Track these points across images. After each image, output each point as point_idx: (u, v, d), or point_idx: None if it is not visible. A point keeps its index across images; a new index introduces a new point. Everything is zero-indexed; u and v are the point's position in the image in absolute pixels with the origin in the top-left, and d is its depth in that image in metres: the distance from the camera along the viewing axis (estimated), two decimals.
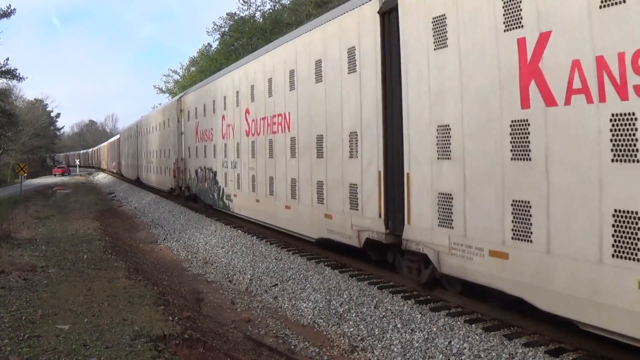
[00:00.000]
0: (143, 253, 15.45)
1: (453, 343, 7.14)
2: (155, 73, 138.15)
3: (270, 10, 43.50)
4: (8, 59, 37.89)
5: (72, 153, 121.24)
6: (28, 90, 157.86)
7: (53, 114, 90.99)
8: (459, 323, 7.70)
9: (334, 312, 9.10)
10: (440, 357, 6.94)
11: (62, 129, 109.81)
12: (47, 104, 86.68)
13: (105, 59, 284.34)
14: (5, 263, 10.29)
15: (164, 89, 63.82)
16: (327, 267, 11.47)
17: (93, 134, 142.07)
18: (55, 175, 72.89)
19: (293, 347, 8.00)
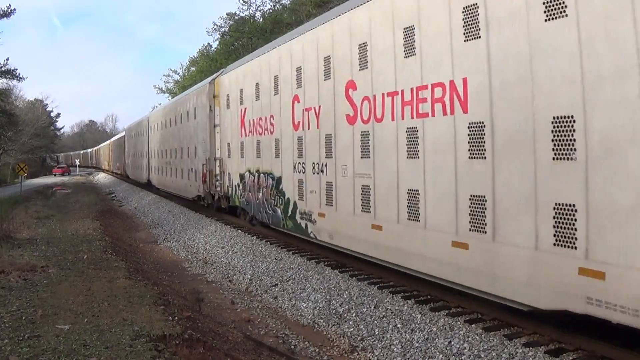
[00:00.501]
0: (143, 253, 15.46)
1: (453, 343, 7.14)
2: (156, 73, 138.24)
3: (270, 10, 43.46)
4: (8, 59, 37.96)
5: (72, 153, 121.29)
6: (28, 90, 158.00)
7: (53, 114, 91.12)
8: (459, 323, 7.70)
9: (334, 312, 9.10)
10: (440, 357, 6.95)
11: (62, 129, 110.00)
12: (47, 104, 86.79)
13: (106, 60, 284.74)
14: (5, 263, 10.30)
15: (164, 89, 63.84)
16: (327, 267, 11.47)
17: (93, 134, 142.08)
18: (55, 175, 72.90)
19: (293, 347, 8.00)
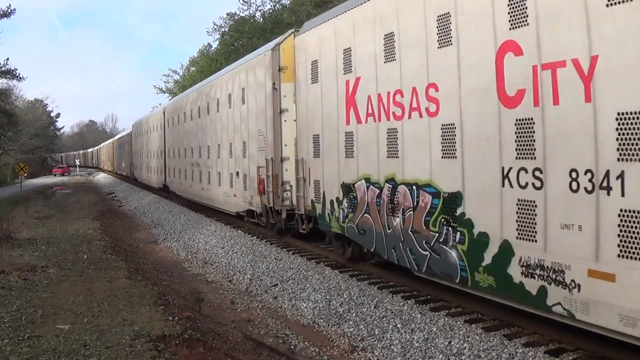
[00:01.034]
0: (143, 253, 15.46)
1: (453, 343, 7.14)
2: (157, 74, 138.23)
3: (270, 10, 43.44)
4: (8, 59, 37.91)
5: (72, 153, 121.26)
6: (28, 90, 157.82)
7: (53, 114, 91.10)
8: (459, 323, 7.70)
9: (334, 312, 9.10)
10: (440, 357, 6.94)
11: (62, 129, 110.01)
12: (47, 104, 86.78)
13: (106, 60, 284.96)
14: (5, 263, 10.30)
15: (164, 89, 63.81)
16: (327, 267, 11.47)
17: (93, 134, 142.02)
18: (55, 175, 72.91)
19: (293, 347, 8.01)
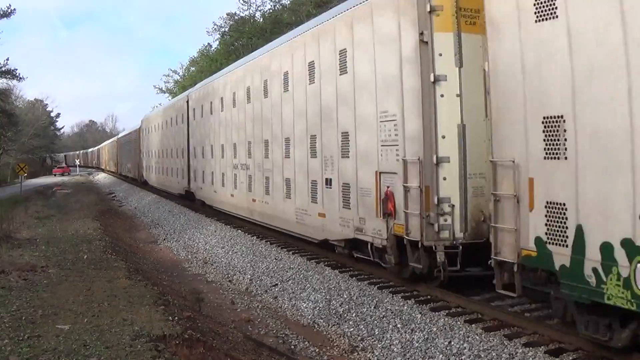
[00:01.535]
0: (143, 253, 15.46)
1: (453, 343, 7.14)
2: (157, 74, 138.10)
3: (270, 10, 43.44)
4: (8, 59, 37.84)
5: (72, 153, 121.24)
6: (28, 90, 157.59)
7: (53, 114, 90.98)
8: (459, 323, 7.69)
9: (334, 312, 9.10)
10: (440, 357, 6.94)
11: (62, 129, 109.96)
12: (47, 104, 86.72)
13: (107, 60, 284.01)
14: (5, 263, 10.30)
15: (164, 89, 63.82)
16: (327, 267, 11.46)
17: (93, 134, 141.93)
18: (55, 175, 72.88)
19: (293, 347, 8.01)
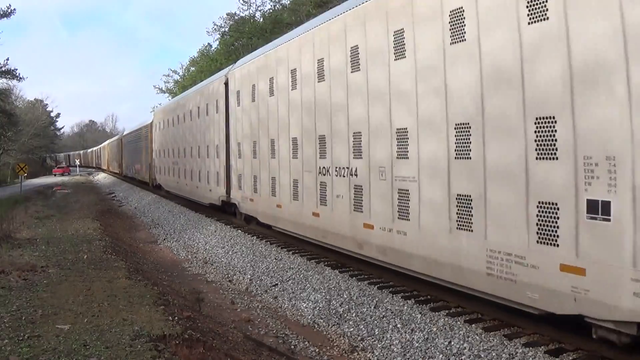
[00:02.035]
0: (143, 253, 15.45)
1: (453, 343, 7.14)
2: (157, 74, 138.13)
3: (270, 10, 43.45)
4: (8, 59, 37.96)
5: (72, 153, 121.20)
6: (28, 90, 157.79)
7: (53, 114, 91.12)
8: (459, 323, 7.70)
9: (334, 312, 9.10)
10: (440, 357, 6.94)
11: (62, 129, 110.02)
12: (47, 104, 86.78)
13: (107, 60, 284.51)
14: (5, 263, 10.29)
15: (164, 89, 63.80)
16: (327, 267, 11.47)
17: (93, 134, 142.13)
18: (55, 175, 72.87)
19: (293, 347, 8.00)
